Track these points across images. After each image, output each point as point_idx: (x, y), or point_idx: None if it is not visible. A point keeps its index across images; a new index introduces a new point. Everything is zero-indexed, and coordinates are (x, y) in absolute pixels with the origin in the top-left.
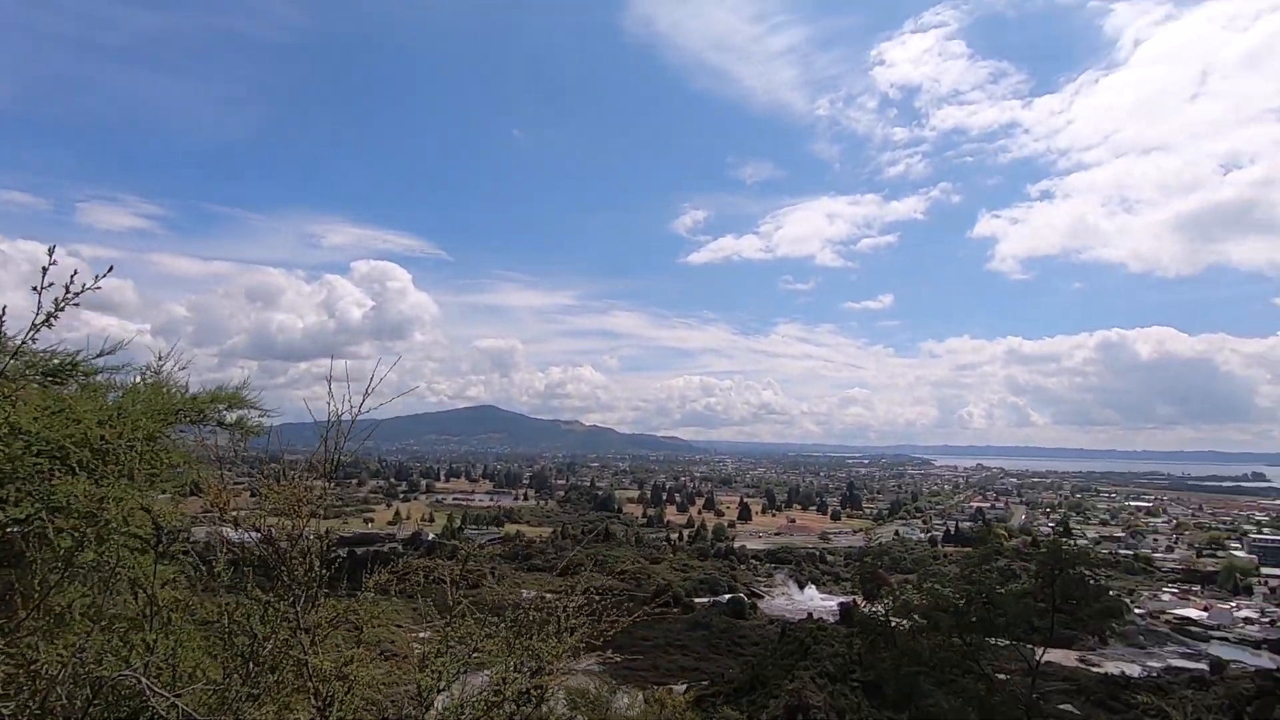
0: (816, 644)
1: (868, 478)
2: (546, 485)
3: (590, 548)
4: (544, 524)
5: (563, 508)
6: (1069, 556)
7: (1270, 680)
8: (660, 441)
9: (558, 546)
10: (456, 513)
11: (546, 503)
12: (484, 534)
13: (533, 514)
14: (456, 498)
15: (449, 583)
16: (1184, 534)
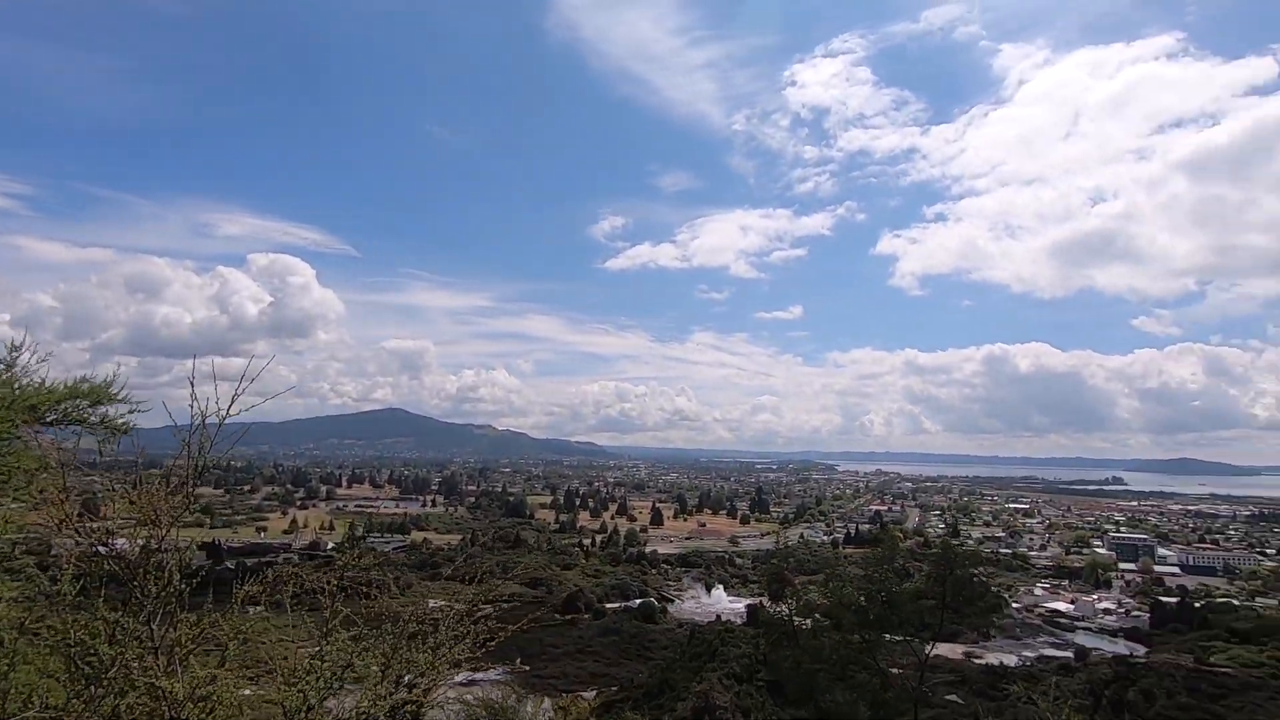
0: (724, 645)
1: (776, 482)
2: (456, 491)
3: (501, 554)
4: (453, 531)
5: (473, 514)
6: (958, 557)
7: (1124, 665)
8: (575, 446)
9: (467, 554)
10: (359, 520)
11: (456, 509)
12: (389, 542)
13: (441, 521)
14: (359, 504)
15: (326, 594)
16: (1055, 533)
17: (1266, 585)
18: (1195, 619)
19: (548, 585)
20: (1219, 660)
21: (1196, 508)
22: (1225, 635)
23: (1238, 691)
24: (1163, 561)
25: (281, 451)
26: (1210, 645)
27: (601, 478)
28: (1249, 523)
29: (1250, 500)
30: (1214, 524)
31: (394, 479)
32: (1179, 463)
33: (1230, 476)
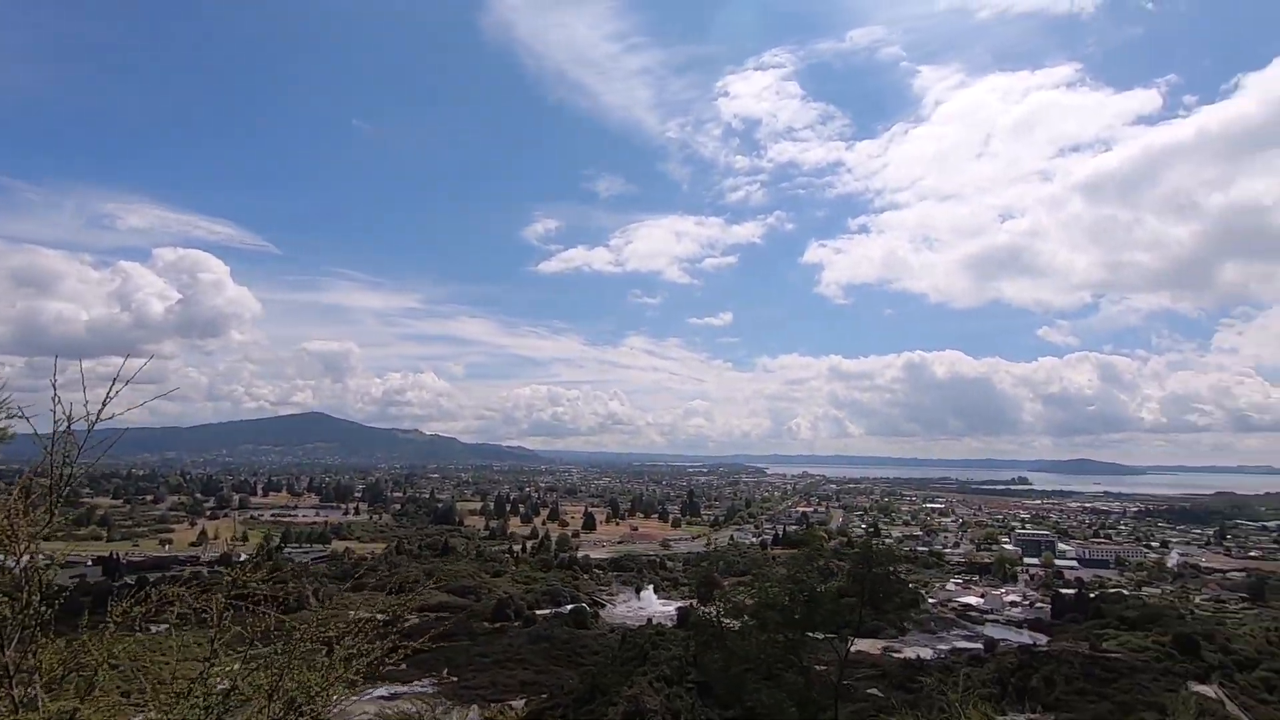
0: (655, 649)
1: (707, 486)
2: (381, 498)
3: (428, 563)
4: (377, 539)
5: (399, 521)
6: (876, 556)
7: (1028, 654)
8: (506, 451)
9: (392, 563)
10: (275, 530)
11: (381, 517)
12: (307, 552)
13: (365, 529)
14: (276, 513)
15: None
16: (967, 531)
17: (1151, 576)
18: (1090, 609)
19: (477, 593)
20: (1111, 646)
21: (1092, 505)
22: (1116, 623)
23: (1127, 674)
24: (1062, 556)
25: (190, 459)
26: (1103, 633)
27: (533, 482)
28: (1137, 518)
29: (1138, 497)
30: (1107, 520)
31: (314, 486)
32: (1077, 463)
33: (1121, 475)
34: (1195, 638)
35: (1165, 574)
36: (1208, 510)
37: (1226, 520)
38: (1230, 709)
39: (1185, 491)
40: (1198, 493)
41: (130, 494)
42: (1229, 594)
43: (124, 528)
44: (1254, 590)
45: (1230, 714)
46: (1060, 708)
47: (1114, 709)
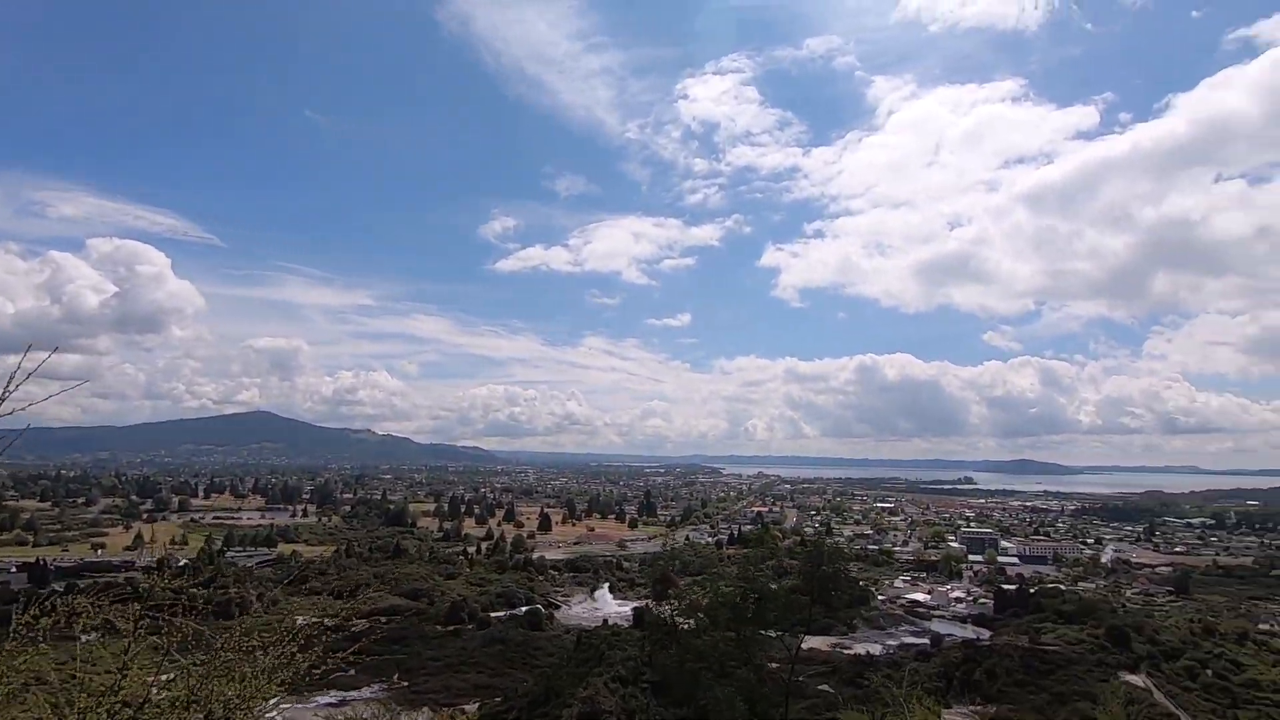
0: (611, 649)
1: (664, 486)
2: (331, 499)
3: (379, 565)
4: (326, 542)
5: (349, 524)
6: (827, 555)
7: (972, 649)
8: (461, 451)
9: (341, 566)
10: (218, 533)
11: (330, 519)
12: (252, 556)
13: (313, 532)
14: (218, 516)
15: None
16: (916, 530)
17: (1087, 571)
18: (1030, 604)
19: (429, 596)
20: (1049, 639)
21: (1032, 504)
22: (1054, 617)
23: (1063, 666)
24: (1004, 553)
25: (126, 459)
26: (1042, 626)
27: (489, 483)
28: (1074, 516)
29: (1075, 496)
30: (1046, 518)
31: (259, 488)
32: (1019, 463)
33: (1060, 475)
34: (1126, 630)
35: (1099, 569)
36: (1138, 508)
37: (1155, 518)
38: (1157, 697)
39: (1118, 491)
40: (1129, 492)
41: (59, 496)
42: (1157, 588)
43: (52, 532)
44: (1179, 584)
45: (1157, 702)
46: (1002, 700)
47: (1051, 699)
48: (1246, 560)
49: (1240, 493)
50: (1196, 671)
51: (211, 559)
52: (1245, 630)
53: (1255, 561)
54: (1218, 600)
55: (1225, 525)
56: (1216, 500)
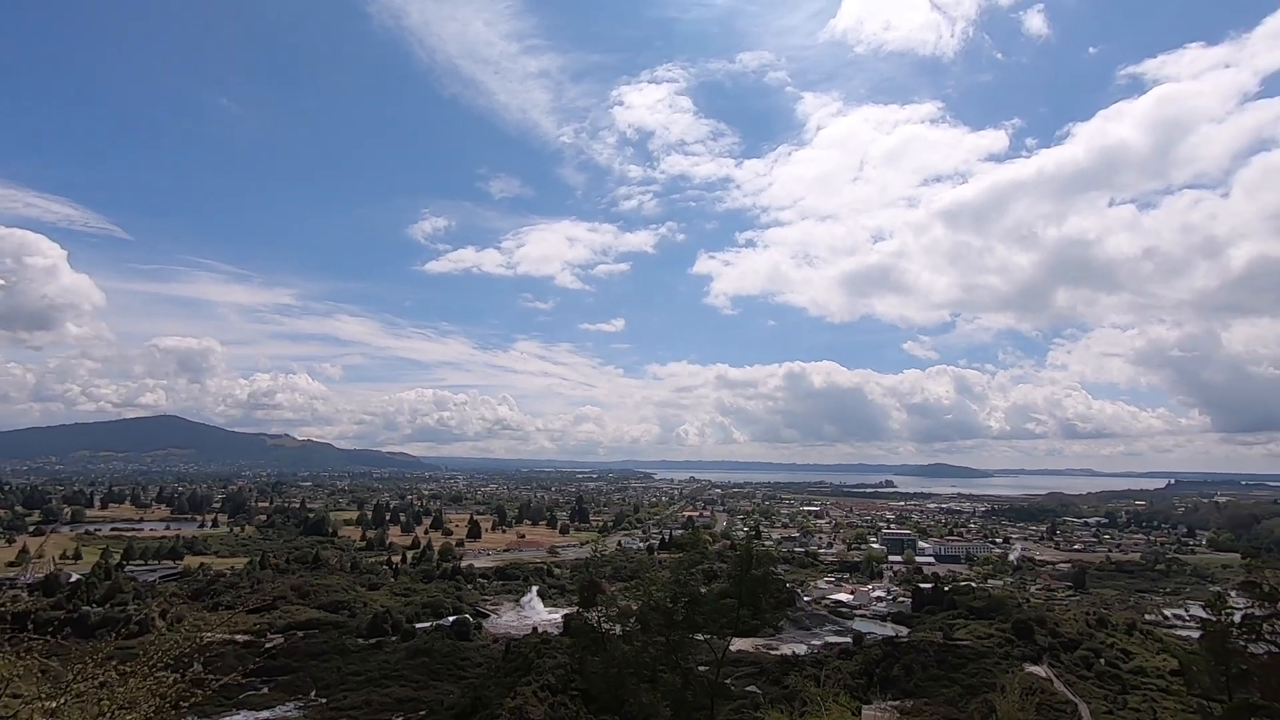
0: (540, 658)
1: (596, 492)
2: (244, 509)
3: (296, 577)
4: (239, 554)
5: (264, 534)
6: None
7: (891, 645)
8: (386, 458)
9: (254, 579)
10: (116, 546)
11: (243, 529)
12: (154, 570)
13: (224, 543)
14: (117, 527)
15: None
16: (840, 532)
17: (995, 569)
18: (944, 601)
19: (350, 608)
20: (961, 635)
21: (947, 506)
22: (966, 613)
23: (974, 660)
24: (922, 553)
25: (10, 466)
26: (955, 623)
27: (416, 490)
28: (985, 517)
29: (986, 498)
30: (959, 519)
31: (164, 497)
32: (935, 467)
33: (973, 478)
34: (1030, 624)
35: (1007, 567)
36: (1041, 509)
37: (1056, 518)
38: (1057, 686)
39: (1024, 492)
40: (1034, 493)
41: None
42: (1057, 583)
43: None
44: (1077, 580)
45: (1057, 691)
46: (918, 694)
47: (963, 692)
48: (1135, 556)
49: (1130, 493)
50: (1091, 661)
51: (108, 574)
52: (1134, 621)
53: (1143, 557)
54: (1110, 594)
55: (1117, 524)
56: (1110, 500)
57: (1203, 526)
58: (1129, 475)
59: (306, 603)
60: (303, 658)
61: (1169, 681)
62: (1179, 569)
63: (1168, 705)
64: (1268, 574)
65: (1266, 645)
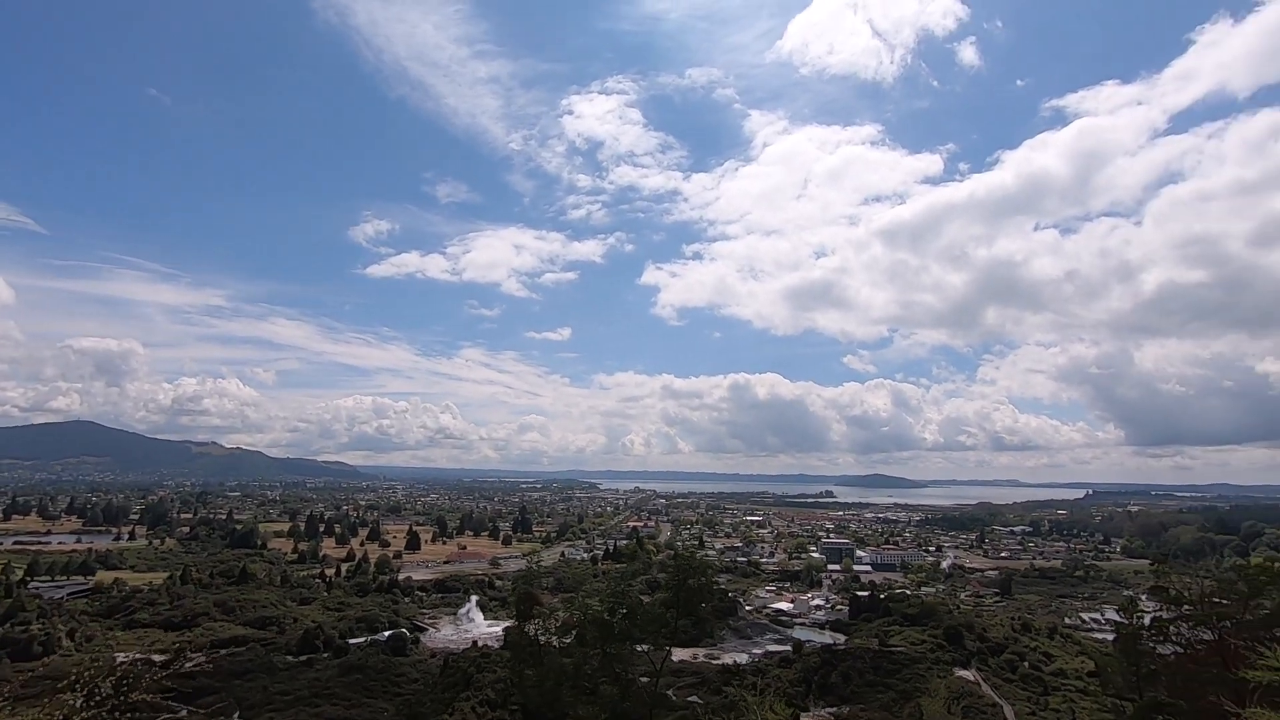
0: (480, 672)
1: (540, 502)
2: (165, 520)
3: (221, 592)
4: (158, 568)
5: (186, 547)
6: (694, 568)
7: (829, 653)
8: (322, 467)
9: (174, 594)
10: (19, 560)
11: (163, 541)
12: (62, 586)
13: (142, 557)
14: (21, 540)
15: None
16: (781, 541)
17: (929, 577)
18: (880, 608)
19: (280, 623)
20: (896, 641)
21: (884, 515)
22: (900, 620)
23: (908, 665)
24: (859, 561)
25: None
26: (890, 629)
27: (352, 500)
28: (919, 526)
29: (920, 508)
30: (895, 528)
31: (75, 508)
32: (873, 478)
33: (908, 489)
34: (960, 629)
35: (939, 575)
36: (971, 518)
37: (985, 526)
38: (985, 689)
39: (956, 502)
40: (964, 503)
41: None
42: (986, 589)
43: None
44: (1003, 586)
45: (984, 693)
46: (855, 700)
47: (897, 697)
48: (1057, 563)
49: (1052, 503)
50: (1016, 664)
51: (9, 591)
52: (1055, 626)
53: (1063, 564)
54: (1034, 599)
55: (1041, 532)
56: (1034, 510)
57: (1117, 534)
58: (1052, 485)
59: (231, 619)
60: (226, 677)
61: (1086, 682)
62: (1096, 575)
63: (1085, 705)
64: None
65: (1173, 646)
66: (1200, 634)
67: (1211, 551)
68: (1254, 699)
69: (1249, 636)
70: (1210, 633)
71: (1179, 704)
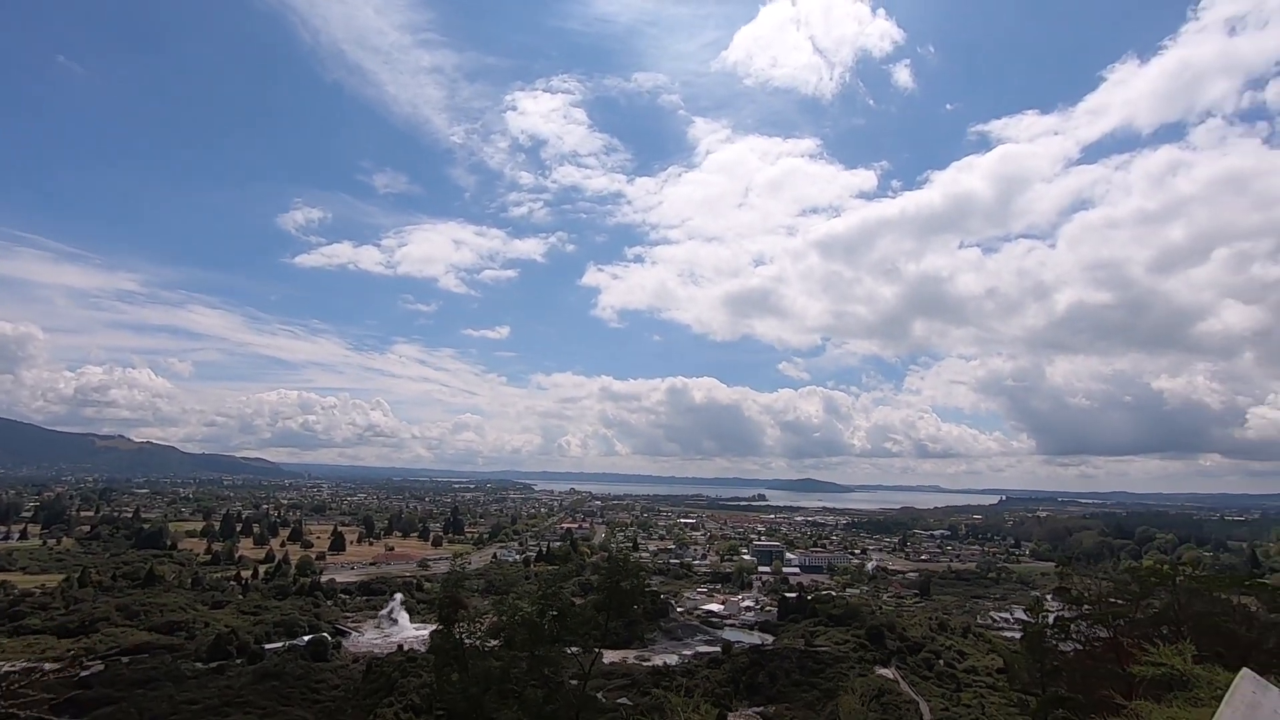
0: (404, 677)
1: (473, 502)
2: (63, 518)
3: (123, 596)
4: (52, 570)
5: (86, 547)
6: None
7: (757, 653)
8: (241, 464)
9: (70, 598)
10: None
11: (59, 541)
12: None
13: (35, 558)
14: None
15: None
16: (714, 544)
17: (854, 578)
18: (807, 609)
19: (189, 629)
20: (821, 641)
21: (814, 519)
22: (826, 620)
23: (831, 665)
24: (789, 564)
25: None
26: (816, 630)
27: (273, 499)
28: (846, 530)
29: (848, 512)
30: (824, 531)
31: None
32: (804, 482)
33: (837, 493)
34: (881, 629)
35: (864, 576)
36: (895, 522)
37: (907, 530)
38: (903, 687)
39: (881, 507)
40: (889, 508)
41: None
42: (906, 591)
43: None
44: (923, 587)
45: (902, 691)
46: (781, 699)
47: (820, 695)
48: (972, 565)
49: (969, 508)
50: (932, 662)
51: None
52: (968, 625)
53: (978, 566)
54: (950, 600)
55: (958, 536)
56: (952, 515)
57: (1027, 538)
58: (969, 491)
59: (135, 624)
60: (127, 686)
61: (995, 679)
62: (1007, 576)
63: (994, 700)
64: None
65: (1074, 644)
66: (1097, 632)
67: (1110, 555)
68: (1139, 692)
69: (1139, 634)
70: (1106, 630)
71: (1077, 698)
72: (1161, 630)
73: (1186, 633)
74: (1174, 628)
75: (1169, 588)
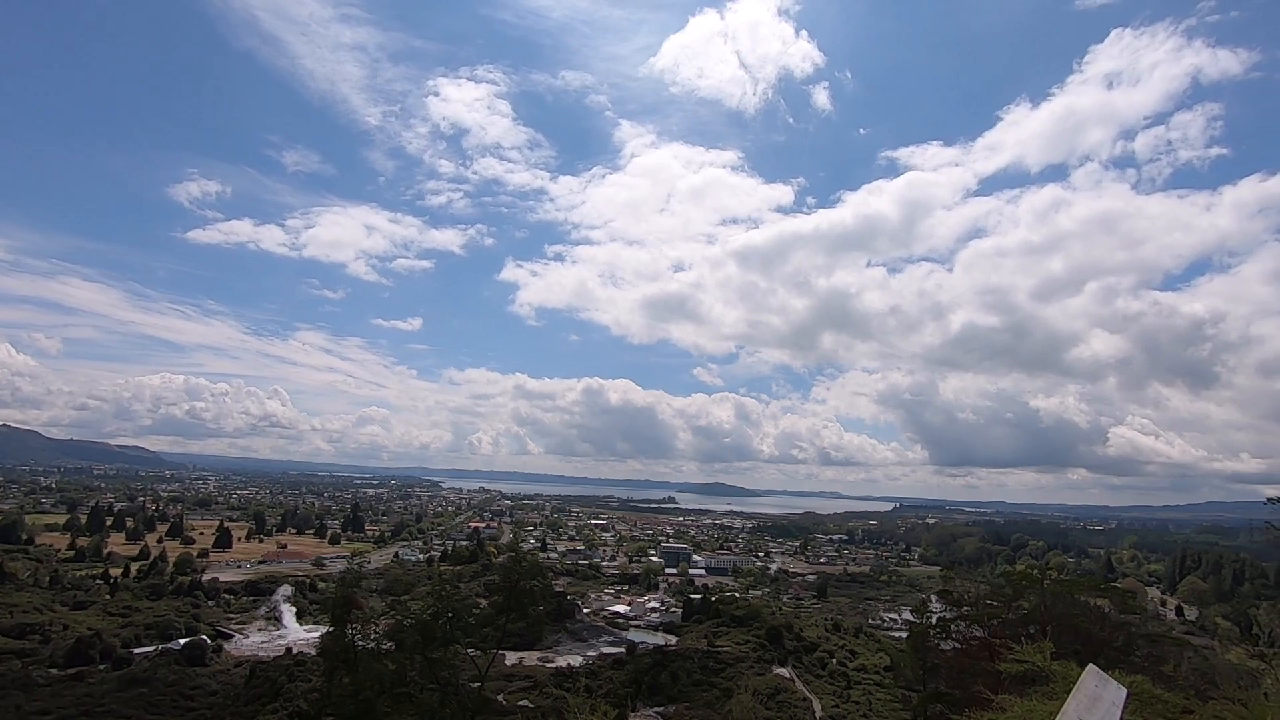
0: (292, 681)
1: (376, 499)
2: None
3: None
4: None
5: None
6: (524, 570)
7: (661, 654)
8: (115, 452)
9: None
10: None
11: None
12: None
13: None
14: None
15: None
16: (623, 545)
17: (756, 580)
18: (711, 610)
19: (45, 631)
20: (723, 642)
21: (721, 522)
22: (728, 621)
23: (732, 665)
24: (695, 565)
25: None
26: (718, 631)
27: (151, 491)
28: (751, 533)
29: (754, 516)
30: (730, 534)
31: None
32: (714, 486)
33: (745, 497)
34: (780, 630)
35: (766, 579)
36: (798, 526)
37: (808, 534)
38: (798, 685)
39: (785, 511)
40: (792, 512)
41: None
42: (805, 592)
43: None
44: (820, 589)
45: (797, 689)
46: (682, 699)
47: (720, 695)
48: (866, 568)
49: (866, 514)
50: (826, 661)
51: None
52: (860, 625)
53: (871, 569)
54: (845, 601)
55: (855, 540)
56: (850, 520)
57: (917, 543)
58: (867, 498)
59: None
60: None
61: (882, 677)
62: (898, 579)
63: (880, 696)
64: (957, 584)
65: (954, 642)
66: (974, 631)
67: (989, 559)
68: (1005, 687)
69: (1010, 633)
70: (982, 630)
71: (954, 694)
72: (1029, 629)
73: (1050, 632)
74: (1040, 627)
75: (1037, 591)
